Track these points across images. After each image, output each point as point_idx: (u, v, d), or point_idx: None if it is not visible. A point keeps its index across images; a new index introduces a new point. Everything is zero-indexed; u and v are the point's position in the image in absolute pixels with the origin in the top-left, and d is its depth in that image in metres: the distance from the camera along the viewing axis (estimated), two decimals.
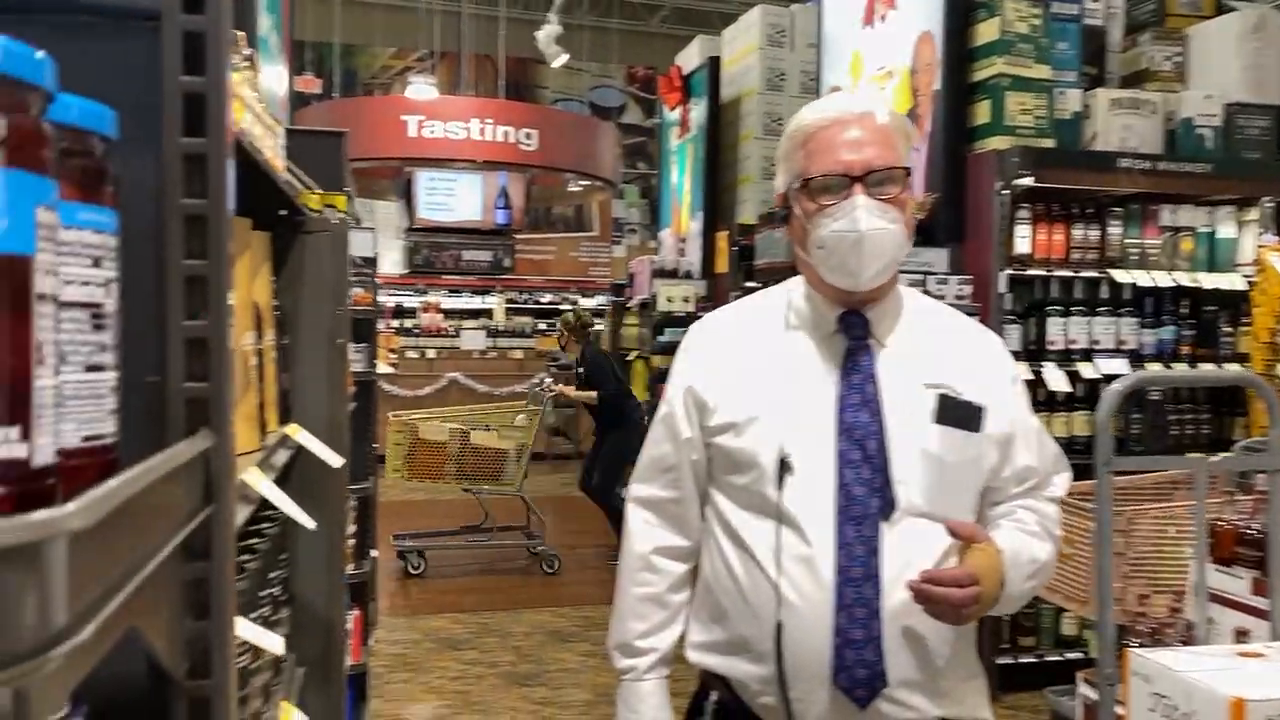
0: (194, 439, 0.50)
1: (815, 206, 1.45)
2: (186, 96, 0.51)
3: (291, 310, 1.72)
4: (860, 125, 1.46)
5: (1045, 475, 1.59)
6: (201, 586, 0.50)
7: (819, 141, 1.47)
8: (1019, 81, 4.08)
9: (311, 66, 14.10)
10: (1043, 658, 4.13)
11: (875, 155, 1.44)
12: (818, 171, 1.45)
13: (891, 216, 1.45)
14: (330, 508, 1.77)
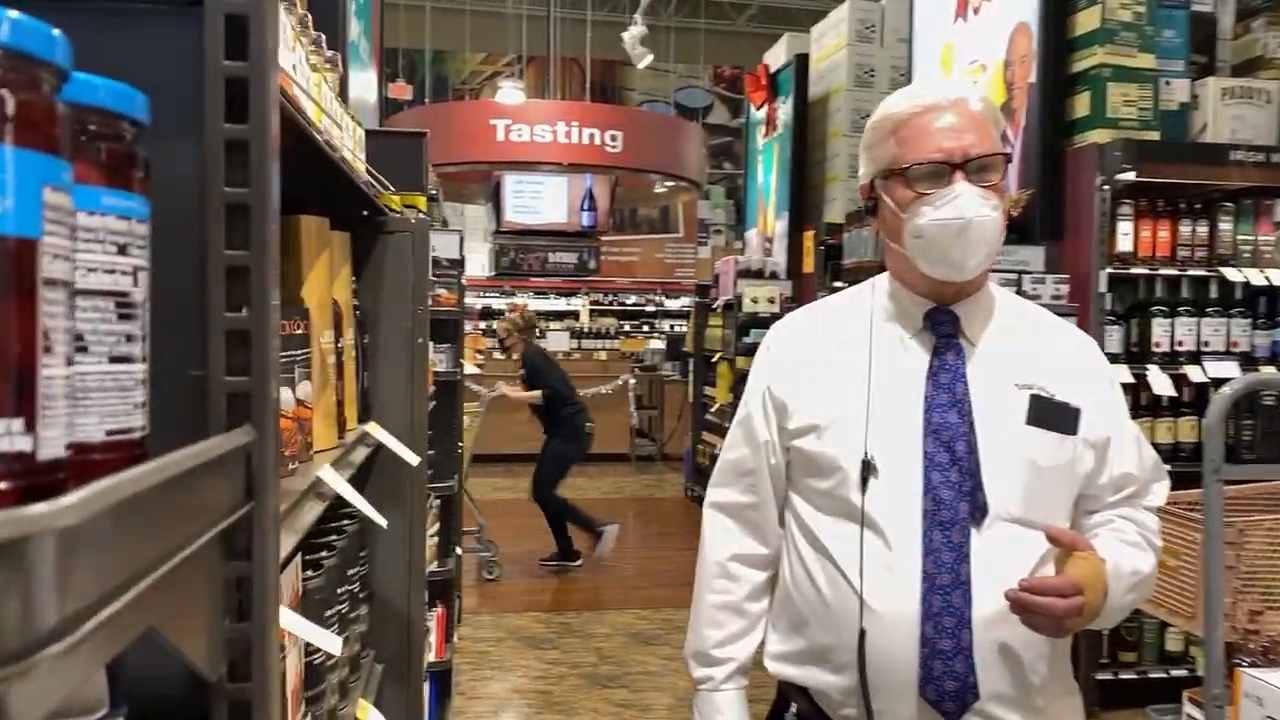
0: (230, 434, 0.49)
1: (912, 195, 1.40)
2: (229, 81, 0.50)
3: (372, 310, 1.73)
4: (955, 111, 1.41)
5: (1144, 483, 1.51)
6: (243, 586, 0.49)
7: (912, 129, 1.41)
8: (1121, 72, 3.91)
9: (404, 73, 14.42)
10: (1145, 674, 3.95)
11: (974, 142, 1.39)
12: (915, 159, 1.39)
13: (994, 204, 1.40)
14: (410, 505, 1.77)
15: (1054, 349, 1.49)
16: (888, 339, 1.47)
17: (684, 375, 10.63)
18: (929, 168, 1.39)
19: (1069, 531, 1.38)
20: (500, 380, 7.23)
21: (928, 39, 5.24)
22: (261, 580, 0.50)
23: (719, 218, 15.83)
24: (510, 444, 10.29)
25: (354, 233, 1.69)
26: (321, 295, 1.31)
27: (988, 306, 1.49)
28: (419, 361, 1.76)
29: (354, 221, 1.71)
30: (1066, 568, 1.34)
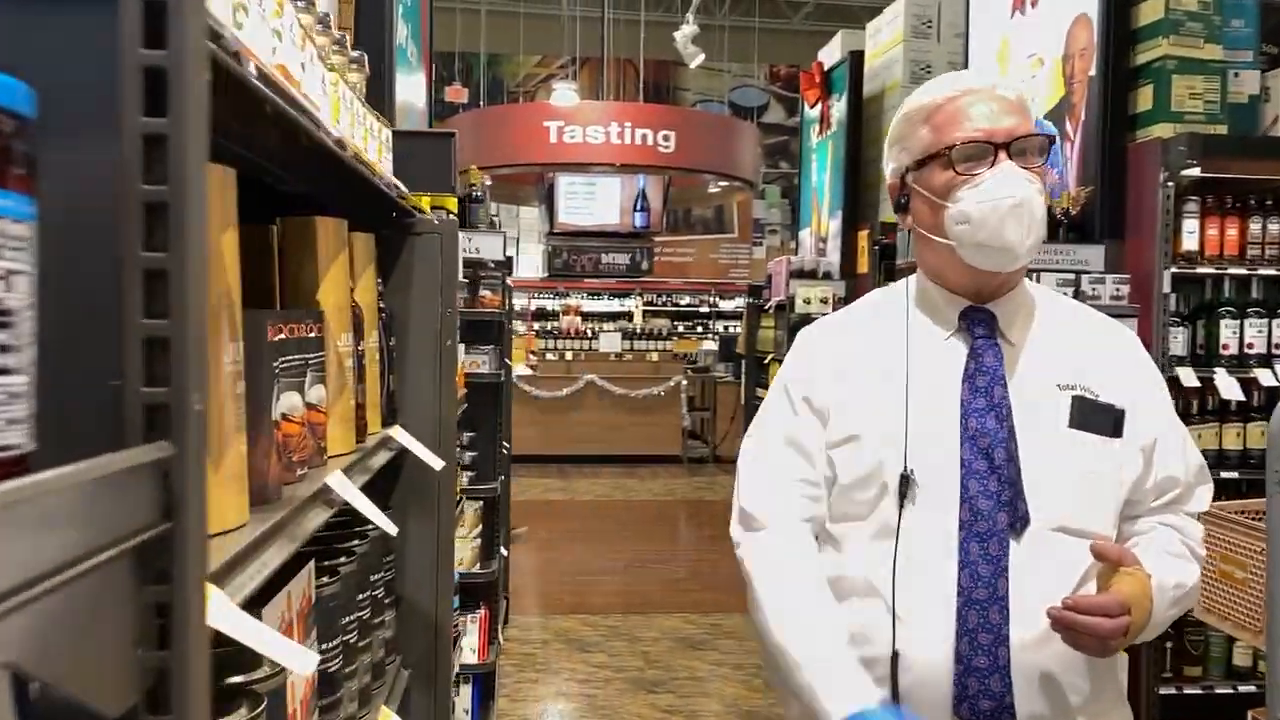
0: (138, 449, 0.46)
1: (952, 178, 1.33)
2: (146, 72, 0.47)
3: (400, 311, 1.71)
4: (990, 96, 1.36)
5: (1188, 488, 1.44)
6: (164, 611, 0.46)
7: (948, 113, 1.35)
8: (1186, 63, 3.76)
9: (460, 76, 14.56)
10: (1211, 690, 3.79)
11: (1017, 123, 1.34)
12: (955, 140, 1.33)
13: (1039, 186, 1.34)
14: (437, 510, 1.75)
15: (1097, 348, 1.42)
16: (922, 341, 1.41)
17: (737, 376, 10.55)
18: (972, 148, 1.33)
19: (1115, 546, 1.31)
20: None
21: (984, 33, 5.11)
22: (183, 605, 0.47)
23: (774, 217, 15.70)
24: (564, 445, 10.33)
25: (380, 234, 1.67)
26: (339, 297, 1.29)
27: (1026, 304, 1.43)
28: (447, 364, 1.74)
29: (381, 223, 1.70)
30: (1113, 584, 1.28)
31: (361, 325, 1.42)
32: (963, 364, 1.38)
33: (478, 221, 3.69)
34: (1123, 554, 1.29)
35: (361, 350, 1.42)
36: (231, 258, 0.83)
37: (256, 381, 0.93)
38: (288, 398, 1.05)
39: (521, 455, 10.13)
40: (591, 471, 10.02)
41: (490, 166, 10.11)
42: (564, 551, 6.85)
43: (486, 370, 3.54)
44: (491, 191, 12.31)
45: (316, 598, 1.21)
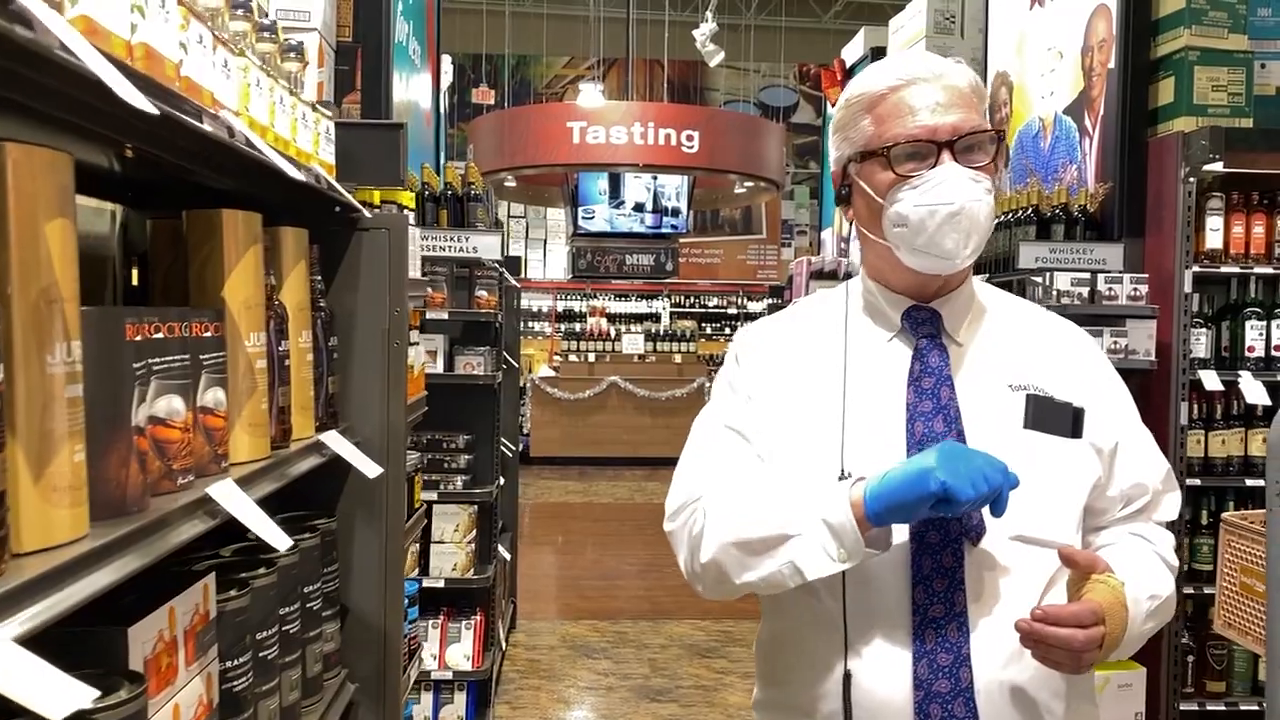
0: None
1: (893, 178, 1.24)
2: None
3: (345, 310, 1.65)
4: (938, 85, 1.25)
5: (1156, 495, 1.34)
6: None
7: (891, 105, 1.25)
8: (1210, 55, 3.61)
9: (487, 78, 14.57)
10: (1235, 706, 3.64)
11: (962, 119, 1.24)
12: (897, 137, 1.24)
13: (985, 186, 1.24)
14: (384, 517, 1.69)
15: (1050, 347, 1.33)
16: (863, 343, 1.31)
17: None
18: (912, 146, 1.23)
19: (1085, 552, 1.22)
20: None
21: (1003, 27, 4.97)
22: None
23: (803, 218, 15.56)
24: (585, 447, 10.28)
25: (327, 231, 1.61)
26: (250, 294, 1.22)
27: (973, 303, 1.34)
28: (396, 365, 1.67)
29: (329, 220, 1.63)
30: (1084, 593, 1.18)
31: (285, 324, 1.35)
32: (907, 366, 1.28)
33: (476, 220, 3.63)
34: (1094, 559, 1.20)
35: (285, 350, 1.35)
36: (61, 250, 0.77)
37: (107, 383, 0.86)
38: (164, 401, 0.98)
39: (542, 457, 10.13)
40: (613, 474, 9.95)
41: (514, 167, 10.09)
42: (579, 555, 6.79)
43: (481, 372, 3.47)
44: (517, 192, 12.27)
45: (219, 612, 1.15)
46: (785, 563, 1.19)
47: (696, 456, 1.37)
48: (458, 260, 3.51)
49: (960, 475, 1.10)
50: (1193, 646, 3.61)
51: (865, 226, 1.31)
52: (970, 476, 1.10)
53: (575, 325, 12.57)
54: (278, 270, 1.38)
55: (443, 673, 3.50)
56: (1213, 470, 3.58)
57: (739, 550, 1.22)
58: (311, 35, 2.62)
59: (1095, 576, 1.18)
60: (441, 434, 3.52)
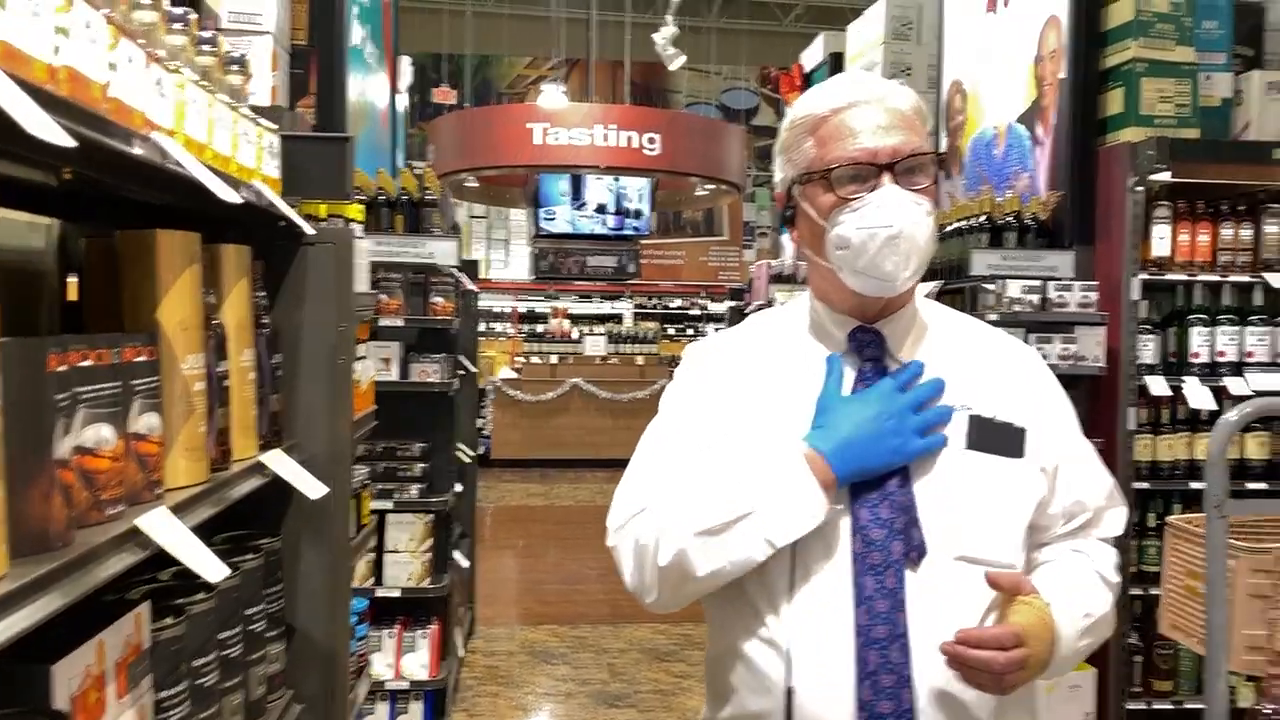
0: None
1: (834, 200, 1.26)
2: None
3: (290, 327, 1.63)
4: (879, 108, 1.26)
5: (1098, 512, 1.36)
6: None
7: (833, 127, 1.27)
8: (1157, 66, 3.67)
9: (449, 78, 14.48)
10: (1181, 705, 3.71)
11: (902, 141, 1.25)
12: (838, 159, 1.25)
13: (926, 209, 1.26)
14: (331, 535, 1.67)
15: (994, 366, 1.34)
16: (810, 364, 1.32)
17: None
18: (853, 169, 1.24)
19: (1009, 574, 1.23)
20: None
21: (958, 35, 5.03)
22: None
23: (765, 220, 15.63)
24: (547, 450, 10.26)
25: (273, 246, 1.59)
26: (185, 315, 1.20)
27: (917, 323, 1.35)
28: (342, 381, 1.65)
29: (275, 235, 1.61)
30: (1009, 615, 1.20)
31: (224, 344, 1.33)
32: (851, 388, 1.30)
33: (432, 225, 3.61)
34: (1019, 582, 1.21)
35: (224, 371, 1.33)
36: None
37: (28, 417, 0.85)
38: (92, 430, 0.96)
39: (503, 459, 10.10)
40: (575, 476, 9.94)
41: (475, 168, 10.04)
42: (539, 559, 6.77)
43: (437, 379, 3.45)
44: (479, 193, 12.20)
45: (154, 642, 1.13)
46: (753, 537, 1.21)
47: (641, 470, 1.37)
48: (413, 266, 3.49)
49: (909, 428, 1.23)
50: (1140, 647, 3.67)
51: (809, 248, 1.32)
52: (915, 427, 1.23)
53: (537, 327, 12.53)
54: (218, 288, 1.36)
55: (398, 682, 3.47)
56: (1160, 474, 3.65)
57: (703, 538, 1.23)
58: (264, 39, 2.60)
59: (1020, 598, 1.20)
60: (396, 442, 3.50)
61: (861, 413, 1.24)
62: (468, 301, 4.40)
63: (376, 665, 3.45)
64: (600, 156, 9.66)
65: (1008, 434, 1.26)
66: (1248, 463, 3.71)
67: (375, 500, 3.40)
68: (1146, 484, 3.60)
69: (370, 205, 3.57)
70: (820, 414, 1.26)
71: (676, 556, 1.25)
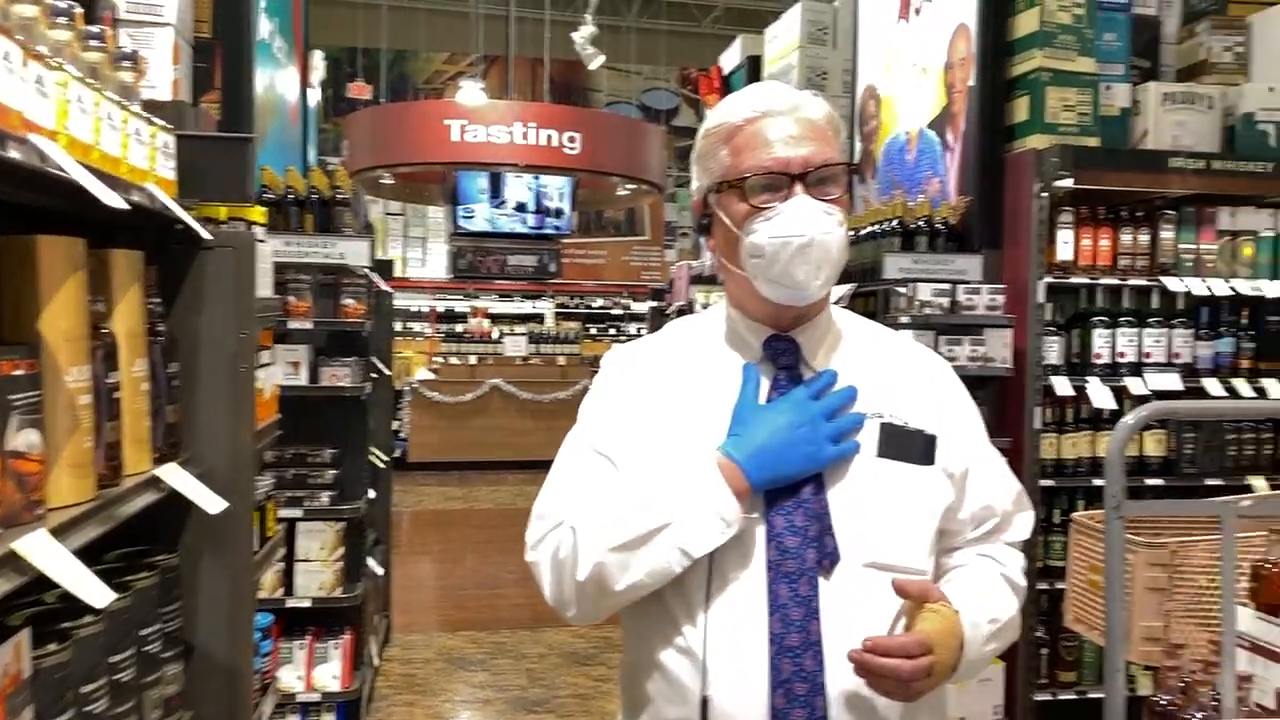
0: None
1: (748, 209, 1.26)
2: None
3: (188, 335, 1.56)
4: (792, 118, 1.28)
5: (1006, 517, 1.39)
6: None
7: (747, 136, 1.28)
8: (1061, 76, 3.79)
9: (364, 73, 14.20)
10: (1084, 695, 3.83)
11: (815, 152, 1.26)
12: (751, 169, 1.26)
13: (837, 218, 1.27)
14: (233, 549, 1.61)
15: (904, 374, 1.36)
16: (726, 373, 1.33)
17: None
18: (765, 179, 1.25)
19: (916, 581, 1.24)
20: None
21: (872, 41, 5.12)
22: None
23: (686, 220, 15.69)
24: (466, 452, 10.14)
25: (164, 250, 1.53)
26: (69, 325, 1.14)
27: (831, 332, 1.37)
28: (243, 390, 1.59)
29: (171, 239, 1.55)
30: (916, 623, 1.21)
31: (114, 354, 1.27)
32: (766, 396, 1.30)
33: (343, 225, 3.52)
34: (926, 589, 1.23)
35: (115, 382, 1.27)
36: None
37: None
38: None
39: (420, 462, 9.94)
40: (495, 478, 9.84)
41: (391, 165, 9.86)
42: (457, 564, 6.68)
43: (348, 383, 3.37)
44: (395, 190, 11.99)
45: (35, 670, 1.07)
46: (669, 549, 1.21)
47: (559, 482, 1.37)
48: (323, 267, 3.40)
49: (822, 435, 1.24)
50: (1046, 639, 3.78)
51: (724, 256, 1.32)
52: (828, 434, 1.24)
53: (456, 326, 12.38)
54: (107, 295, 1.29)
55: (310, 695, 3.38)
56: (1064, 471, 3.77)
57: (619, 552, 1.22)
58: (165, 31, 2.49)
59: (929, 606, 1.22)
60: (306, 449, 3.40)
61: (775, 420, 1.24)
62: (381, 302, 4.31)
63: (287, 678, 3.36)
64: (519, 155, 9.58)
65: (918, 441, 1.28)
66: (1146, 459, 3.86)
67: (284, 508, 3.31)
68: (1052, 481, 3.71)
69: (278, 204, 3.47)
70: (736, 422, 1.27)
71: (594, 571, 1.24)
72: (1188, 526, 2.73)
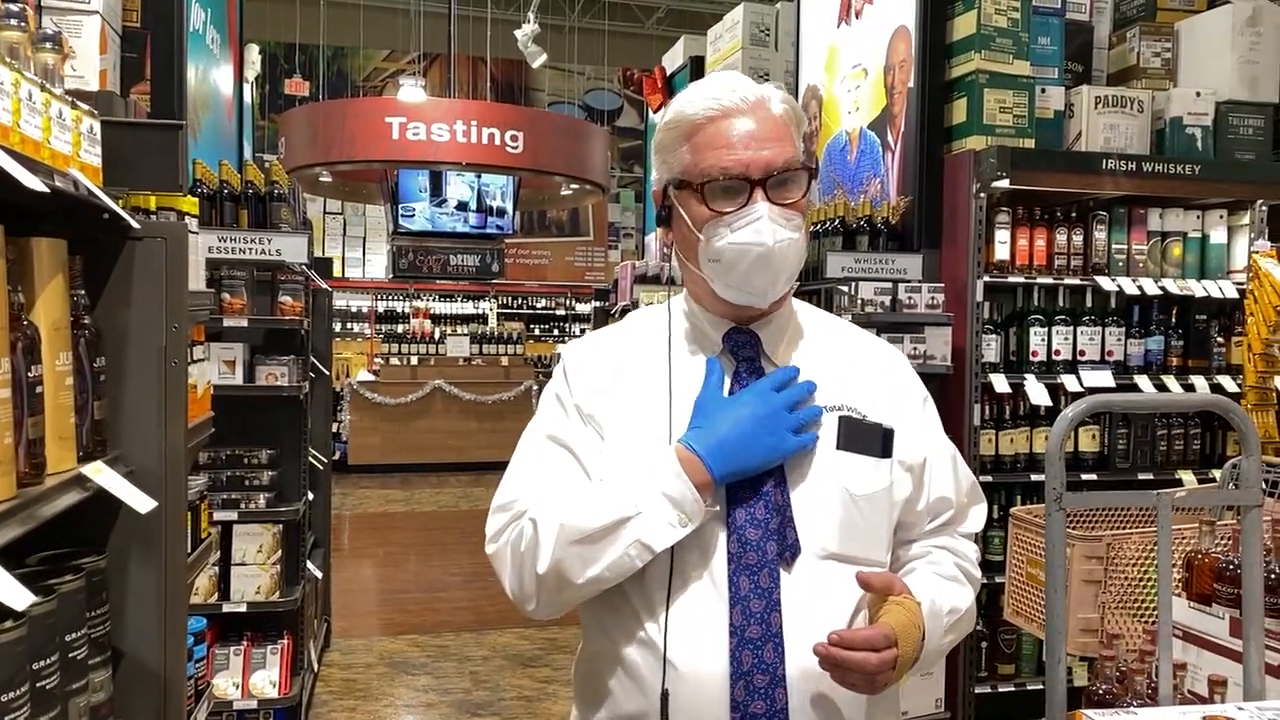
0: None
1: (708, 213, 1.25)
2: None
3: (115, 328, 1.51)
4: (754, 117, 1.25)
5: (961, 508, 1.40)
6: None
7: (707, 136, 1.26)
8: (997, 78, 3.86)
9: (301, 69, 13.96)
10: (1023, 686, 3.91)
11: (776, 154, 1.25)
12: (711, 173, 1.25)
13: (796, 224, 1.27)
14: (164, 550, 1.55)
15: (862, 367, 1.36)
16: (686, 365, 1.32)
17: None
18: (725, 184, 1.24)
19: (880, 574, 1.25)
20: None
21: (813, 42, 5.16)
22: None
23: (629, 221, 15.71)
24: (408, 454, 10.01)
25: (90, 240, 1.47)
26: None
27: (791, 325, 1.37)
28: (174, 386, 1.54)
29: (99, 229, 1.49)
30: (880, 615, 1.21)
31: (36, 347, 1.22)
32: (727, 388, 1.29)
33: (280, 221, 3.44)
34: (890, 581, 1.23)
35: (37, 376, 1.22)
36: None
37: None
38: None
39: (361, 465, 9.79)
40: (437, 481, 9.73)
41: (329, 162, 9.69)
42: (399, 567, 6.59)
43: (286, 383, 3.29)
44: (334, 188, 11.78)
45: None
46: (630, 543, 1.20)
47: (520, 473, 1.34)
48: (259, 264, 3.32)
49: (784, 427, 1.22)
50: (986, 633, 3.84)
51: (683, 253, 1.32)
52: (789, 425, 1.23)
53: (397, 327, 12.22)
54: (28, 286, 1.24)
55: (246, 702, 3.30)
56: (1003, 467, 3.84)
57: (580, 545, 1.21)
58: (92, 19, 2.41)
59: (892, 598, 1.22)
60: (242, 449, 3.32)
61: (739, 412, 1.24)
62: (319, 300, 4.22)
63: (223, 684, 3.27)
64: (461, 153, 9.49)
65: (876, 434, 1.28)
66: (1081, 455, 3.95)
67: (220, 510, 3.22)
68: (990, 477, 3.77)
69: (213, 199, 3.38)
70: (698, 415, 1.26)
71: (554, 564, 1.22)
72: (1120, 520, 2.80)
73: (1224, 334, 4.03)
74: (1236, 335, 4.00)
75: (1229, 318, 4.03)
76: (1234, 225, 4.04)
